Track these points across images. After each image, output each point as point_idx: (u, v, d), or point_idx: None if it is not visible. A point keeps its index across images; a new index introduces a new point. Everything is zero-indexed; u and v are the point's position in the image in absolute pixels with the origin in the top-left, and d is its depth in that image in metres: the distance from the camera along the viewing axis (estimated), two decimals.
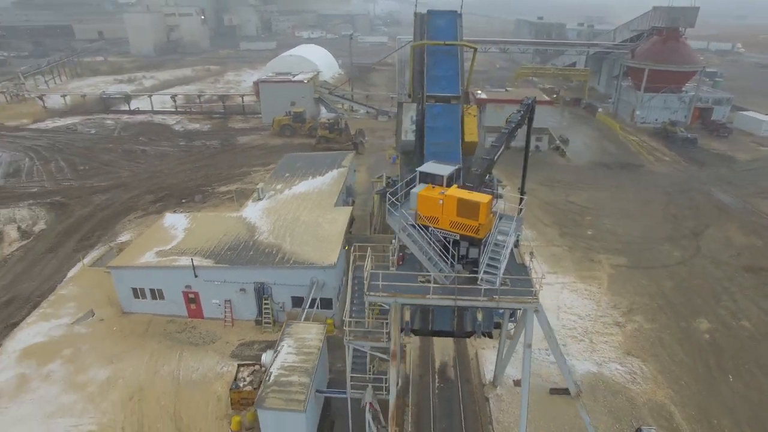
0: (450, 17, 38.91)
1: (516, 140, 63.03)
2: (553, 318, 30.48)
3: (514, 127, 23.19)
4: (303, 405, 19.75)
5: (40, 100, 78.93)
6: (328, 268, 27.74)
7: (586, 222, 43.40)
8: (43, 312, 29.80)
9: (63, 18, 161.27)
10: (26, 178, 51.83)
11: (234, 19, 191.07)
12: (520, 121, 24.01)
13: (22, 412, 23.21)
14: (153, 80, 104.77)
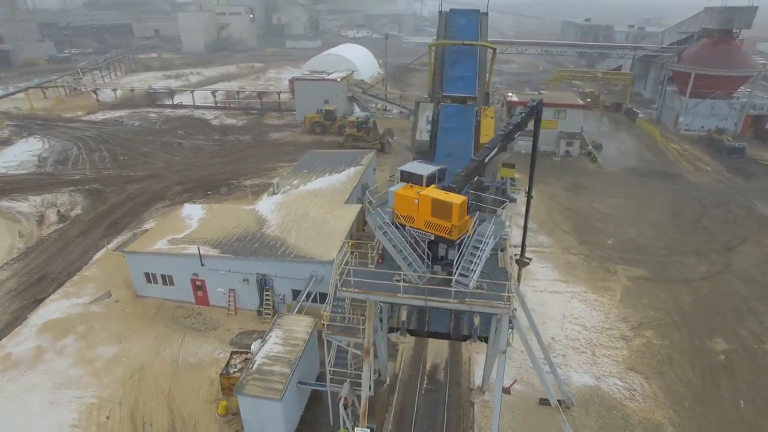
0: (471, 16, 38.58)
1: (545, 144, 61.29)
2: (557, 328, 29.80)
3: (511, 129, 22.71)
4: (280, 394, 20.28)
5: (94, 94, 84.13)
6: (327, 263, 28.18)
7: (608, 230, 41.79)
8: (66, 291, 31.97)
9: (125, 17, 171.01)
10: (72, 166, 55.46)
11: (283, 17, 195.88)
12: (520, 123, 23.41)
13: (35, 381, 25.05)
14: (199, 76, 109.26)
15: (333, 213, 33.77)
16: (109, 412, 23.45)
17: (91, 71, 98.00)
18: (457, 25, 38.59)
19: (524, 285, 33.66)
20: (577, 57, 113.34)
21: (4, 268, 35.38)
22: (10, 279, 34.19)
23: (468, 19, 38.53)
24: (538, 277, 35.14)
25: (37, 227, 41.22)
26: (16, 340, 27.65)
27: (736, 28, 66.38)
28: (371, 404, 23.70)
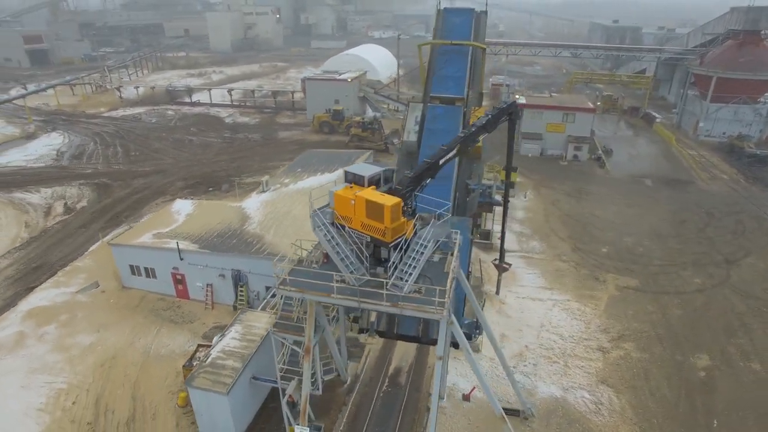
0: (465, 15, 38.08)
1: (552, 148, 60.18)
2: (533, 336, 29.16)
3: (472, 131, 22.29)
4: (227, 388, 20.59)
5: (118, 91, 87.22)
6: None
7: (605, 238, 40.55)
8: (57, 280, 33.29)
9: (159, 17, 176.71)
10: (86, 161, 57.70)
11: (310, 18, 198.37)
12: (485, 125, 22.92)
13: (12, 365, 26.19)
14: (221, 75, 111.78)
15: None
16: (75, 398, 24.30)
17: (117, 69, 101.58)
18: (450, 24, 38.21)
19: (507, 291, 33.17)
20: (602, 60, 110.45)
21: (6, 256, 37.14)
22: (10, 267, 35.87)
23: (462, 18, 38.09)
24: (523, 284, 34.45)
25: (43, 218, 43.09)
26: (1, 326, 28.98)
27: (764, 29, 63.33)
28: (326, 403, 23.89)
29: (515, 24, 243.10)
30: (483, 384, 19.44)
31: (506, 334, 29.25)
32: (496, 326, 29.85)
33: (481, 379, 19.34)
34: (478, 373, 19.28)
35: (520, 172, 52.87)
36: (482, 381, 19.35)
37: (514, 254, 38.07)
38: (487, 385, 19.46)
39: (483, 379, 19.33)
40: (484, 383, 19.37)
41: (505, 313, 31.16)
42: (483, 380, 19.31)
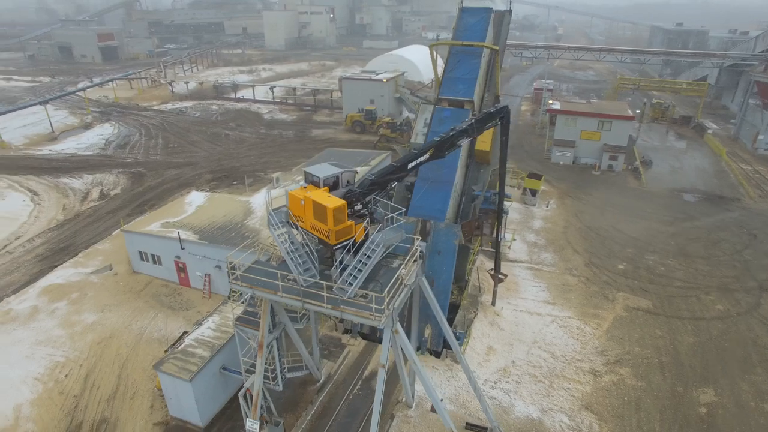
0: (482, 15, 36.98)
1: (586, 156, 57.48)
2: (522, 352, 28.03)
3: (451, 135, 21.63)
4: (190, 375, 21.26)
5: (170, 86, 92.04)
6: None
7: (623, 255, 38.21)
8: (76, 260, 35.67)
9: (221, 16, 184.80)
10: (128, 150, 61.40)
11: (365, 18, 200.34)
12: (467, 130, 22.18)
13: (21, 336, 28.38)
14: (270, 72, 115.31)
15: None
16: (69, 372, 25.97)
17: (173, 65, 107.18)
18: (465, 24, 37.32)
19: (506, 302, 32.11)
20: (661, 65, 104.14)
21: (40, 236, 40.22)
22: (42, 246, 38.81)
23: (478, 17, 37.07)
24: (525, 296, 33.16)
25: (79, 203, 46.29)
26: (20, 299, 31.45)
27: None
28: (294, 399, 24.11)
29: (576, 27, 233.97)
30: (432, 397, 18.86)
31: (494, 348, 28.28)
32: (486, 338, 28.98)
33: (430, 392, 18.78)
34: (426, 383, 18.72)
35: (546, 180, 50.99)
36: (431, 394, 18.78)
37: (522, 265, 36.77)
38: (436, 398, 18.86)
39: (432, 393, 18.75)
40: (434, 396, 18.79)
41: (498, 326, 30.11)
42: (432, 393, 18.74)
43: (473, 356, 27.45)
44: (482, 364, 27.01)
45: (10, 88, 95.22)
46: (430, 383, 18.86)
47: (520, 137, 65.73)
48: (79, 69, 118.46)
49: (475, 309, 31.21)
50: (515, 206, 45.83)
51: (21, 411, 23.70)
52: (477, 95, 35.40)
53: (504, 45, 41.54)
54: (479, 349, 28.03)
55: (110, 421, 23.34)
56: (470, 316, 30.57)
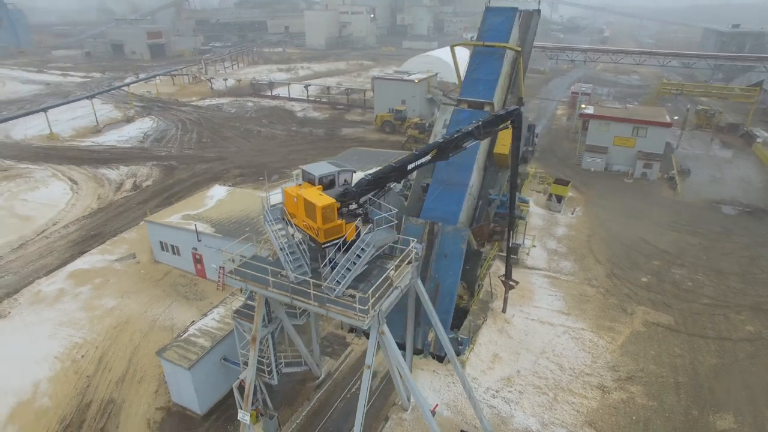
0: (506, 15, 36.37)
1: (619, 163, 55.53)
2: (529, 362, 27.28)
3: (456, 137, 21.33)
4: (190, 364, 21.87)
5: (210, 83, 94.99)
6: None
7: (649, 267, 36.54)
8: (103, 248, 37.38)
9: (265, 15, 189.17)
10: (164, 144, 63.80)
11: (407, 18, 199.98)
12: (472, 132, 21.79)
13: (48, 316, 30.01)
14: (308, 70, 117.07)
15: None
16: (85, 353, 27.25)
17: (214, 62, 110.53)
18: (489, 24, 36.76)
19: (518, 310, 31.39)
20: (712, 70, 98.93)
21: (75, 223, 42.37)
22: (75, 232, 40.87)
23: (503, 18, 36.41)
24: (539, 304, 32.26)
25: (113, 192, 48.47)
26: (49, 281, 33.26)
27: None
28: (293, 395, 24.39)
29: (625, 30, 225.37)
30: (419, 402, 18.61)
31: (500, 355, 27.66)
32: (493, 345, 28.40)
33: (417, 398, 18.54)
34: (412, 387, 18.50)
35: (575, 187, 49.49)
36: (418, 399, 18.54)
37: (539, 272, 35.82)
38: (422, 403, 18.61)
39: (419, 397, 18.51)
40: (420, 401, 18.54)
41: (507, 333, 29.43)
42: (419, 398, 18.49)
43: (477, 363, 26.96)
44: (486, 372, 26.47)
45: (66, 83, 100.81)
46: (416, 387, 18.63)
47: (552, 142, 64.04)
48: (129, 65, 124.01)
49: (484, 315, 30.63)
50: (539, 212, 44.71)
51: (39, 387, 25.05)
52: (498, 97, 34.84)
53: (531, 46, 40.67)
54: (484, 356, 27.48)
55: (117, 402, 24.32)
56: (478, 322, 30.03)
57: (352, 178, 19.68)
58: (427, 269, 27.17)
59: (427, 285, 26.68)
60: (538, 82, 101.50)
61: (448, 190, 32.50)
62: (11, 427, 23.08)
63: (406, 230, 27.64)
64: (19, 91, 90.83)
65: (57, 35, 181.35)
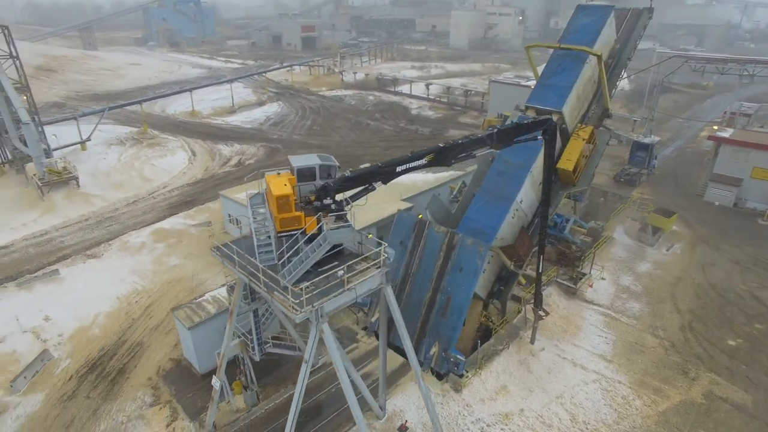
0: (599, 14, 32.89)
1: (755, 199, 46.20)
2: (539, 403, 24.54)
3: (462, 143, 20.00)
4: (191, 324, 24.03)
5: (341, 75, 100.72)
6: None
7: (744, 329, 29.74)
8: (187, 213, 42.52)
9: (416, 13, 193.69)
10: (279, 128, 69.67)
11: (561, 21, 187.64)
12: (483, 139, 20.24)
13: (127, 263, 35.32)
14: (440, 69, 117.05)
15: (378, 205, 34.66)
16: (139, 299, 31.54)
17: (351, 56, 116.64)
18: (577, 24, 33.27)
19: (551, 344, 28.40)
20: None
21: (179, 188, 48.81)
22: (176, 197, 47.10)
23: (593, 17, 32.65)
24: (580, 343, 28.54)
25: (219, 166, 54.61)
26: (137, 234, 39.03)
27: None
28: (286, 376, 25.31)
29: None
30: (353, 409, 17.92)
31: (509, 388, 25.20)
32: (506, 376, 26.01)
33: (352, 406, 17.87)
34: (347, 391, 17.87)
35: (684, 220, 42.39)
36: (353, 408, 17.87)
37: (597, 309, 31.60)
38: (357, 413, 17.87)
39: (355, 408, 17.83)
40: (354, 410, 17.85)
41: (527, 366, 26.62)
42: (355, 409, 17.82)
43: (480, 390, 24.94)
44: (485, 401, 24.36)
45: (224, 68, 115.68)
46: (352, 393, 17.96)
47: (679, 166, 55.24)
48: (282, 55, 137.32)
49: (508, 341, 28.05)
50: (626, 242, 39.20)
51: (97, 319, 29.74)
52: (570, 107, 31.57)
53: (633, 50, 35.64)
54: (491, 385, 25.28)
55: (144, 346, 27.75)
56: (499, 347, 27.63)
57: (336, 173, 19.55)
58: (441, 281, 25.74)
59: (438, 297, 25.34)
60: (692, 99, 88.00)
61: (493, 202, 30.29)
62: (69, 344, 27.82)
63: (428, 238, 26.50)
64: (188, 74, 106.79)
65: (237, 27, 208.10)
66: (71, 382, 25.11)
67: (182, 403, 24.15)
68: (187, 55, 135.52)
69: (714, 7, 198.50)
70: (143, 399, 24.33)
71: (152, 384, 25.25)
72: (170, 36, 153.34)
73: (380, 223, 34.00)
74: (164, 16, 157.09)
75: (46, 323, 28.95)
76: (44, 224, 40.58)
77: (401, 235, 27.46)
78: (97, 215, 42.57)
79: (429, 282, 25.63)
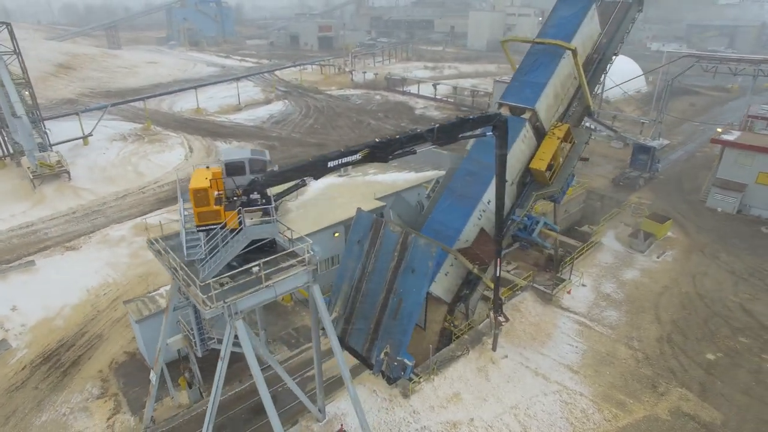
0: (579, 6, 31.42)
1: (760, 206, 43.89)
2: (491, 413, 23.64)
3: (396, 139, 19.32)
4: (139, 317, 24.00)
5: (351, 75, 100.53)
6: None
7: (728, 343, 27.92)
8: (172, 207, 42.71)
9: (436, 14, 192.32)
10: (281, 126, 69.78)
11: None
12: (423, 134, 19.49)
13: (103, 255, 35.67)
14: (453, 70, 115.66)
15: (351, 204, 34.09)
16: (108, 291, 31.79)
17: (363, 56, 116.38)
18: (556, 17, 32.06)
19: (516, 351, 27.40)
20: None
21: (170, 184, 49.16)
22: (165, 192, 47.48)
23: (574, 11, 31.35)
24: (547, 352, 27.30)
25: (212, 163, 54.78)
26: (118, 227, 39.54)
27: None
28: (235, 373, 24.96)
29: None
30: (266, 402, 17.35)
31: (462, 396, 24.21)
32: (461, 383, 25.01)
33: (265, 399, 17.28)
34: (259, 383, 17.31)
35: (681, 227, 40.42)
36: (266, 402, 17.28)
37: (572, 316, 30.25)
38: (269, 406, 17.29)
39: (267, 401, 17.25)
40: (267, 402, 17.26)
41: (485, 374, 25.57)
42: (267, 402, 17.24)
43: (430, 396, 24.04)
44: (434, 409, 23.44)
45: (238, 67, 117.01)
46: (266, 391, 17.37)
47: (685, 171, 52.84)
48: (298, 55, 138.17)
49: (468, 347, 27.01)
50: (615, 248, 37.54)
51: (63, 310, 30.02)
52: (545, 104, 30.45)
53: (619, 43, 34.06)
54: (443, 392, 24.34)
55: (103, 338, 27.83)
56: (458, 353, 26.63)
57: (267, 167, 19.06)
58: (394, 283, 24.92)
59: (391, 299, 24.57)
60: (713, 102, 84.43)
61: (459, 202, 29.34)
62: (30, 334, 28.15)
63: (384, 237, 25.75)
64: (201, 72, 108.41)
65: (258, 28, 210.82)
66: (23, 372, 25.34)
67: (128, 396, 24.08)
68: (205, 54, 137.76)
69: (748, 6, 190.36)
70: (91, 391, 24.34)
71: (102, 376, 25.26)
72: (191, 35, 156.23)
73: (348, 222, 33.26)
74: (186, 15, 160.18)
75: (12, 313, 29.37)
76: (33, 216, 41.44)
77: (359, 234, 26.85)
78: (85, 208, 43.25)
79: (383, 283, 24.92)
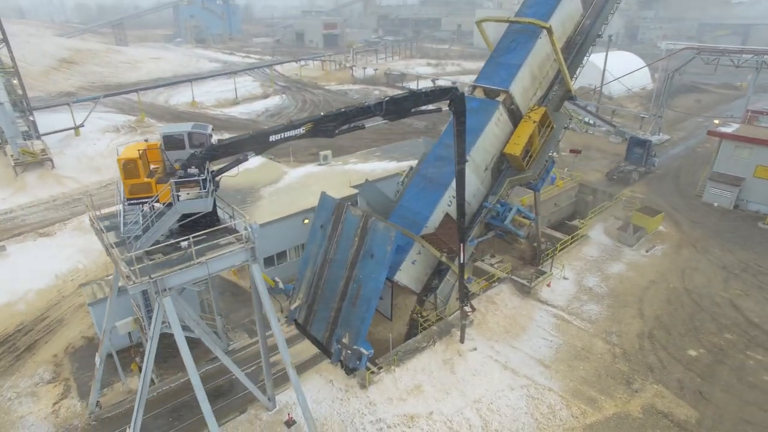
0: None
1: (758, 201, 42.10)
2: (453, 407, 22.64)
3: (339, 112, 18.62)
4: (92, 300, 23.47)
5: (351, 71, 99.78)
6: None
7: (713, 340, 26.48)
8: None
9: (443, 12, 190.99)
10: (275, 119, 69.15)
11: None
12: (371, 107, 18.76)
13: (77, 242, 35.12)
14: (456, 67, 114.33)
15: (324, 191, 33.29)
16: (75, 277, 31.25)
17: (365, 53, 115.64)
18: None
19: (486, 344, 26.28)
20: None
21: None
22: None
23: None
24: (519, 346, 26.13)
25: None
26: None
27: None
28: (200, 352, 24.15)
29: None
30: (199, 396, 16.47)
31: (424, 389, 23.14)
32: (424, 375, 23.94)
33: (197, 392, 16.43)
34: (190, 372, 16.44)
35: (674, 221, 38.92)
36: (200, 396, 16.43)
37: (550, 310, 29.04)
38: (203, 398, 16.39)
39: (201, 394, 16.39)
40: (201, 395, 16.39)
41: (451, 367, 24.47)
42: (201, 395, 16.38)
43: (390, 388, 23.01)
44: (393, 401, 22.40)
45: (239, 63, 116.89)
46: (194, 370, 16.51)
47: (684, 166, 51.12)
48: (301, 52, 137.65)
49: (434, 338, 25.91)
50: (603, 241, 36.19)
51: (27, 295, 29.50)
52: (520, 86, 29.45)
53: (602, 24, 32.74)
54: (403, 384, 23.28)
55: (63, 323, 27.23)
56: (423, 344, 25.55)
57: (209, 141, 18.26)
58: (354, 269, 23.94)
59: (351, 286, 23.63)
60: (720, 99, 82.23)
61: (428, 188, 28.31)
62: None
63: (345, 222, 24.82)
64: (202, 68, 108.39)
65: (265, 26, 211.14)
66: None
67: (78, 381, 23.38)
68: (210, 51, 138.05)
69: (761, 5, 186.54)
70: (42, 376, 23.71)
71: (56, 361, 24.64)
72: (197, 33, 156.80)
73: None
74: (192, 13, 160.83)
75: None
76: (13, 203, 41.18)
77: (323, 218, 26.01)
78: (66, 196, 42.91)
79: (344, 269, 24.02)
